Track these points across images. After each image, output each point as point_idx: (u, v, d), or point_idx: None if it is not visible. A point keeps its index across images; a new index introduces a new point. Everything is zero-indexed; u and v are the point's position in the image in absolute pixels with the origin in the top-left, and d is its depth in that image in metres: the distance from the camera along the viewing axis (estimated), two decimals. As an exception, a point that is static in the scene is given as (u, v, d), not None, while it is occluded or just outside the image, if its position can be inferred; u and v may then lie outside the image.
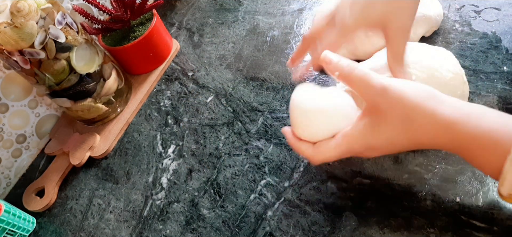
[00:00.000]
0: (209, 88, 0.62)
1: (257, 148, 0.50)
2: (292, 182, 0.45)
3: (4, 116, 0.62)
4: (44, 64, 0.52)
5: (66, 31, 0.54)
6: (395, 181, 0.40)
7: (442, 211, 0.37)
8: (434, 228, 0.36)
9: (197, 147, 0.55)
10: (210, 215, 0.47)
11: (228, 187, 0.48)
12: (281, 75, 0.58)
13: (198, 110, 0.59)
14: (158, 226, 0.48)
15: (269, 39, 0.65)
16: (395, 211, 0.38)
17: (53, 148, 0.64)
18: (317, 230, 0.40)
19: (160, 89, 0.66)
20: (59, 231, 0.54)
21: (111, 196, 0.54)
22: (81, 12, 0.61)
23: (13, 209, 0.53)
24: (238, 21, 0.72)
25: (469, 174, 0.38)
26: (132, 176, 0.55)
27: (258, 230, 0.43)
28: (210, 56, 0.68)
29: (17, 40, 0.49)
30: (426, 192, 0.38)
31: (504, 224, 0.34)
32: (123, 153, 0.59)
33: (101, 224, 0.52)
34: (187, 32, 0.75)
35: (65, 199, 0.57)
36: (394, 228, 0.38)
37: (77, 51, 0.56)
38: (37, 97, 0.66)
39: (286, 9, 0.68)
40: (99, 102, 0.61)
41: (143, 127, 0.62)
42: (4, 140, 0.63)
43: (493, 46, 0.48)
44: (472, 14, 0.52)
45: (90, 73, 0.58)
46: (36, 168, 0.65)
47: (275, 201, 0.44)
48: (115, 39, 0.66)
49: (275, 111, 0.53)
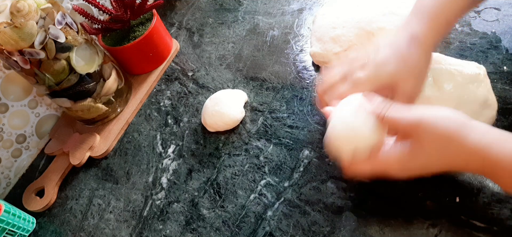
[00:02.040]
0: (209, 88, 0.62)
1: (257, 148, 0.50)
2: (292, 182, 0.45)
3: (4, 116, 0.62)
4: (44, 64, 0.52)
5: (66, 31, 0.54)
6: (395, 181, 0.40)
7: (442, 211, 0.37)
8: (434, 228, 0.36)
9: (197, 147, 0.55)
10: (210, 215, 0.47)
11: (228, 187, 0.48)
12: (281, 75, 0.58)
13: (198, 110, 0.59)
14: (158, 226, 0.48)
15: (269, 39, 0.65)
16: (395, 211, 0.38)
17: (53, 148, 0.64)
18: (317, 230, 0.40)
19: (160, 89, 0.66)
20: (59, 231, 0.54)
21: (111, 196, 0.54)
22: (81, 12, 0.61)
23: (13, 209, 0.53)
24: (238, 21, 0.72)
25: (469, 174, 0.38)
26: (132, 176, 0.55)
27: (258, 230, 0.43)
28: (210, 56, 0.68)
29: (17, 40, 0.49)
30: (426, 192, 0.38)
31: (504, 224, 0.35)
32: (123, 153, 0.59)
33: (101, 224, 0.52)
34: (187, 32, 0.75)
35: (65, 199, 0.57)
36: (394, 228, 0.37)
37: (77, 51, 0.56)
38: (37, 97, 0.66)
39: (286, 9, 0.68)
40: (99, 102, 0.61)
41: (143, 127, 0.62)
42: (4, 140, 0.63)
43: (493, 46, 0.48)
44: (472, 14, 0.52)
45: (90, 73, 0.58)
46: (36, 168, 0.65)
47: (275, 201, 0.44)
48: (115, 39, 0.66)
49: (275, 111, 0.53)
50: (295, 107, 0.52)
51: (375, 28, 0.51)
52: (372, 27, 0.51)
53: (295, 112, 0.52)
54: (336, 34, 0.54)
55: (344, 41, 0.53)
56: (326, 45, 0.54)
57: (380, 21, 0.51)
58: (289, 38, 0.63)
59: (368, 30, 0.51)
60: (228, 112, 0.52)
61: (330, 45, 0.54)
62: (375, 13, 0.52)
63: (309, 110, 0.51)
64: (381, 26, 0.50)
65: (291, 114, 0.52)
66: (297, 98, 0.53)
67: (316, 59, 0.56)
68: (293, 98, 0.54)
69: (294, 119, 0.51)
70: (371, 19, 0.51)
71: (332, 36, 0.54)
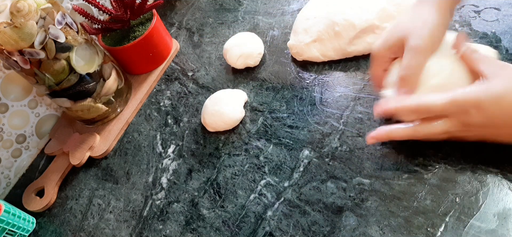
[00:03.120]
0: (209, 88, 0.62)
1: (257, 148, 0.50)
2: (292, 182, 0.45)
3: (4, 116, 0.62)
4: (44, 64, 0.52)
5: (66, 31, 0.54)
6: (395, 181, 0.40)
7: (442, 211, 0.37)
8: (434, 228, 0.36)
9: (197, 147, 0.55)
10: (210, 215, 0.47)
11: (228, 187, 0.48)
12: (281, 75, 0.58)
13: (198, 110, 0.59)
14: (158, 226, 0.48)
15: (269, 39, 0.65)
16: (395, 211, 0.38)
17: (53, 148, 0.64)
18: (317, 230, 0.40)
19: (160, 89, 0.66)
20: (59, 231, 0.54)
21: (111, 196, 0.54)
22: (81, 12, 0.61)
23: (13, 209, 0.53)
24: (238, 21, 0.72)
25: (469, 174, 0.38)
26: (132, 176, 0.55)
27: (258, 230, 0.43)
28: (210, 56, 0.68)
29: (17, 40, 0.49)
30: (426, 192, 0.38)
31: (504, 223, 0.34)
32: (123, 153, 0.59)
33: (101, 224, 0.52)
34: (187, 32, 0.75)
35: (65, 199, 0.57)
36: (394, 228, 0.37)
37: (77, 51, 0.56)
38: (37, 97, 0.66)
39: (286, 9, 0.68)
40: (99, 102, 0.61)
41: (143, 127, 0.62)
42: (4, 140, 0.63)
43: (493, 46, 0.48)
44: (472, 14, 0.52)
45: (90, 73, 0.58)
46: (36, 168, 0.65)
47: (275, 201, 0.44)
48: (115, 39, 0.66)
49: (275, 111, 0.53)
50: (295, 107, 0.52)
51: (341, 19, 0.53)
52: (339, 18, 0.53)
53: (295, 112, 0.52)
54: (308, 25, 0.56)
55: (314, 31, 0.55)
56: (300, 36, 0.56)
57: (346, 13, 0.53)
58: (289, 38, 0.63)
59: (334, 21, 0.53)
60: (228, 112, 0.52)
61: (302, 36, 0.56)
62: (344, 6, 0.54)
63: (309, 110, 0.51)
64: (347, 18, 0.52)
65: (291, 114, 0.52)
66: (297, 98, 0.53)
67: (292, 51, 0.58)
68: (293, 98, 0.54)
69: (294, 119, 0.51)
70: (339, 11, 0.53)
71: (304, 27, 0.56)
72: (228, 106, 0.53)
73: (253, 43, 0.60)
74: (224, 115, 0.52)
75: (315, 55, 0.55)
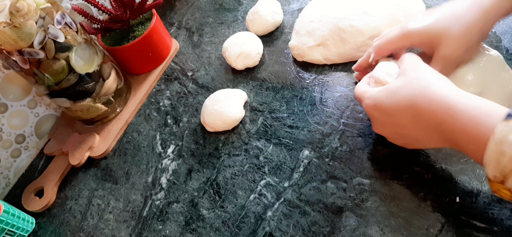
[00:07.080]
0: (208, 88, 0.62)
1: (257, 148, 0.50)
2: (292, 182, 0.45)
3: (3, 116, 0.62)
4: (43, 64, 0.52)
5: (66, 31, 0.54)
6: (395, 181, 0.40)
7: (442, 211, 0.37)
8: (434, 228, 0.36)
9: (196, 147, 0.54)
10: (210, 215, 0.46)
11: (227, 187, 0.48)
12: (281, 75, 0.58)
13: (198, 110, 0.59)
14: (157, 227, 0.48)
15: (269, 39, 0.64)
16: (395, 211, 0.38)
17: (52, 148, 0.64)
18: (317, 230, 0.40)
19: (160, 89, 0.66)
20: (58, 231, 0.54)
21: (111, 196, 0.54)
22: (80, 12, 0.61)
23: (13, 209, 0.52)
24: (238, 21, 0.71)
25: (469, 174, 0.38)
26: (131, 176, 0.55)
27: (258, 230, 0.43)
28: (209, 56, 0.67)
29: (16, 40, 0.49)
30: (426, 192, 0.38)
31: (504, 224, 0.34)
32: (122, 153, 0.59)
33: (100, 224, 0.52)
34: (186, 32, 0.75)
35: (64, 199, 0.57)
36: (394, 228, 0.37)
37: (76, 51, 0.56)
38: (36, 97, 0.66)
39: (286, 9, 0.68)
40: (98, 102, 0.61)
41: (142, 127, 0.62)
42: (3, 140, 0.62)
43: (493, 46, 0.48)
44: (472, 14, 0.52)
45: (90, 73, 0.58)
46: (35, 168, 0.65)
47: (275, 201, 0.44)
48: (114, 39, 0.66)
49: (274, 111, 0.53)
50: (295, 107, 0.52)
51: (347, 25, 0.52)
52: (345, 24, 0.52)
53: (295, 112, 0.52)
54: (312, 28, 0.55)
55: (318, 36, 0.54)
56: (302, 38, 0.56)
57: (353, 20, 0.52)
58: (289, 38, 0.63)
59: (340, 27, 0.52)
60: (227, 112, 0.52)
61: (305, 38, 0.55)
62: (350, 11, 0.53)
63: (309, 110, 0.51)
64: (353, 24, 0.52)
65: (291, 114, 0.52)
66: (297, 98, 0.53)
67: (294, 52, 0.57)
68: (293, 98, 0.54)
69: (294, 119, 0.51)
70: (344, 17, 0.53)
71: (308, 29, 0.56)
72: (228, 106, 0.53)
73: (252, 42, 0.60)
74: (224, 115, 0.52)
75: (318, 59, 0.55)
